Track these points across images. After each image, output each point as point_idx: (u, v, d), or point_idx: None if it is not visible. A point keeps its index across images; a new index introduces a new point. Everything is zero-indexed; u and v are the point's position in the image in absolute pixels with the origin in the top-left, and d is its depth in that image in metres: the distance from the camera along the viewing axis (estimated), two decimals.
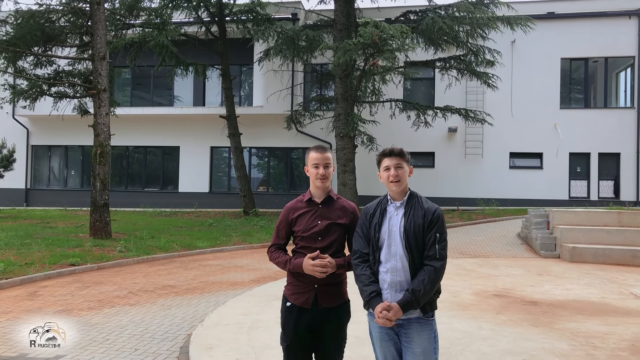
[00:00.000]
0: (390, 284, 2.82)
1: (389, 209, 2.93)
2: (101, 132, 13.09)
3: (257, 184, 23.06)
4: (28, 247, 11.22)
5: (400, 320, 2.80)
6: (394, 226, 2.86)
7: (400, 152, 2.93)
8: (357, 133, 17.43)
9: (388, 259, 2.84)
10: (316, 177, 3.06)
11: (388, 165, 2.92)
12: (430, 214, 2.83)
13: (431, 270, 2.75)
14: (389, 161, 2.92)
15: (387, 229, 2.87)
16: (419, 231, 2.80)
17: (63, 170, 24.70)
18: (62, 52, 16.23)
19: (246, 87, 23.85)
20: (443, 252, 2.80)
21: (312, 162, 3.07)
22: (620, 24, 20.44)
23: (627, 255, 10.40)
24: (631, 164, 20.21)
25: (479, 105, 20.41)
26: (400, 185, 2.90)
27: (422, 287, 2.72)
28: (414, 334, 2.80)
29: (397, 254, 2.82)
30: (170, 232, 14.72)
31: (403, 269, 2.81)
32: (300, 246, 3.06)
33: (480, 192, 20.57)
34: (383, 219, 2.90)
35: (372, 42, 14.40)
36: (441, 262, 2.78)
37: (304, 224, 3.05)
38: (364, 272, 2.88)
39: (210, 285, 8.50)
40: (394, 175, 2.88)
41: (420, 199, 2.92)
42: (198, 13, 19.17)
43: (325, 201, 3.10)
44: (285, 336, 3.06)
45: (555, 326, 5.82)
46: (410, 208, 2.87)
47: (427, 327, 2.82)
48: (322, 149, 3.13)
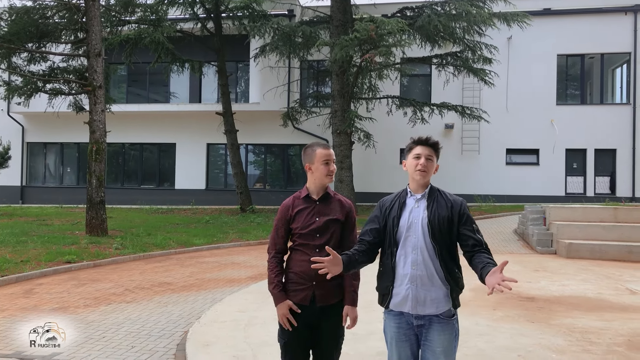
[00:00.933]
0: (411, 278, 2.70)
1: (409, 202, 2.81)
2: (97, 129, 13.02)
3: (253, 181, 23.04)
4: (24, 244, 11.17)
5: (421, 320, 2.72)
6: (416, 218, 2.75)
7: (436, 144, 2.81)
8: (354, 130, 17.43)
9: (408, 252, 2.74)
10: (327, 174, 3.03)
11: (419, 154, 2.77)
12: (458, 206, 2.75)
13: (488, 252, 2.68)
14: (421, 150, 2.78)
15: (406, 222, 2.76)
16: (443, 223, 2.70)
17: (59, 168, 24.60)
18: (56, 48, 16.13)
19: (242, 84, 23.80)
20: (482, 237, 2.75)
21: (323, 159, 3.03)
22: (616, 20, 20.46)
23: (623, 251, 10.43)
24: (627, 160, 20.26)
25: (475, 101, 20.42)
26: (426, 176, 2.77)
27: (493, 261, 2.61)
28: (434, 333, 2.71)
29: (419, 247, 2.71)
30: (167, 229, 14.69)
31: (424, 262, 2.70)
32: (298, 243, 3.03)
33: (477, 188, 20.60)
34: (402, 211, 2.79)
35: (369, 38, 14.38)
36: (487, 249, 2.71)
37: (302, 220, 3.02)
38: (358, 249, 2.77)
39: (207, 282, 8.48)
40: (422, 165, 2.74)
41: (443, 192, 2.83)
42: (194, 9, 19.11)
43: (323, 198, 3.08)
44: (283, 333, 3.03)
45: (551, 322, 5.83)
46: (433, 200, 2.77)
47: (449, 326, 2.73)
48: (327, 145, 3.12)
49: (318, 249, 2.96)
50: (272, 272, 3.06)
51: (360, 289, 3.09)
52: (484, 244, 2.73)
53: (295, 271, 3.02)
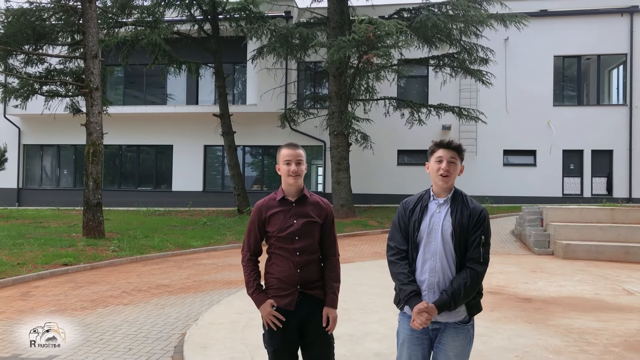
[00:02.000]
0: (428, 285, 2.66)
1: (431, 206, 2.75)
2: (94, 131, 13.00)
3: (251, 183, 23.02)
4: (20, 247, 11.14)
5: (437, 325, 2.68)
6: (436, 224, 2.69)
7: (458, 147, 2.74)
8: (351, 131, 17.44)
9: (426, 259, 2.69)
10: (288, 174, 2.96)
11: (441, 157, 2.71)
12: (477, 214, 2.67)
13: (473, 274, 2.60)
14: (444, 153, 2.72)
15: (426, 227, 2.70)
16: (464, 231, 2.65)
17: (55, 170, 24.54)
18: (53, 50, 16.11)
19: (239, 86, 23.79)
20: (487, 255, 2.66)
21: (284, 159, 2.97)
22: (613, 22, 20.53)
23: (620, 251, 10.45)
24: (624, 161, 20.32)
25: (472, 103, 20.46)
26: (448, 181, 2.71)
27: (463, 290, 2.57)
28: (448, 337, 2.68)
29: (437, 254, 2.66)
30: (164, 231, 14.66)
31: (442, 270, 2.65)
32: (278, 247, 2.94)
33: (474, 189, 20.57)
34: (423, 215, 2.72)
35: (367, 39, 14.39)
36: (484, 267, 2.64)
37: (278, 223, 2.93)
38: (403, 270, 2.71)
39: (205, 284, 8.47)
40: (445, 170, 2.69)
41: (466, 198, 2.75)
42: (191, 11, 19.10)
43: (300, 199, 3.00)
44: (270, 340, 2.93)
45: (548, 322, 5.84)
46: (457, 206, 2.70)
47: (463, 332, 2.69)
48: (294, 145, 3.03)
49: (298, 252, 2.90)
50: (249, 276, 2.98)
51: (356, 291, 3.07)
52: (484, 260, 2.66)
53: (278, 277, 2.94)
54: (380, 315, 5.80)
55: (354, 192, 17.84)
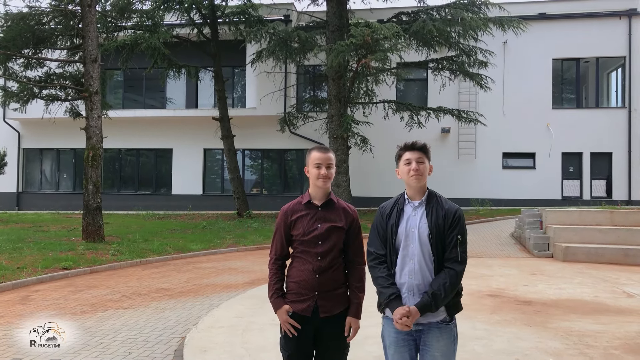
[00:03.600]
0: (408, 287, 2.70)
1: (406, 209, 2.78)
2: (93, 135, 13.01)
3: (250, 186, 23.02)
4: (20, 251, 11.13)
5: (420, 326, 2.71)
6: (413, 227, 2.72)
7: (423, 147, 2.79)
8: (351, 134, 17.46)
9: (405, 262, 2.72)
10: (317, 178, 2.93)
11: (409, 159, 2.76)
12: (452, 214, 2.71)
13: (452, 274, 2.64)
14: (411, 155, 2.77)
15: (404, 230, 2.73)
16: (440, 232, 2.68)
17: (55, 174, 24.54)
18: (52, 54, 16.13)
19: (239, 89, 23.82)
20: (464, 254, 2.70)
21: (314, 162, 2.94)
22: (611, 25, 20.58)
23: (619, 254, 10.46)
24: (623, 163, 20.34)
25: (471, 105, 20.49)
26: (421, 181, 2.74)
27: (443, 290, 2.61)
28: (432, 338, 2.70)
29: (416, 256, 2.70)
30: (164, 234, 14.66)
31: (421, 272, 2.69)
32: (300, 250, 2.95)
33: (474, 192, 20.65)
34: (400, 219, 2.76)
35: (365, 43, 14.41)
36: (462, 266, 2.68)
37: (303, 227, 2.92)
38: (382, 273, 2.75)
39: (204, 287, 8.47)
40: (414, 169, 2.73)
41: (440, 199, 2.78)
42: (190, 15, 19.13)
43: (326, 204, 2.98)
44: (286, 345, 2.94)
45: (548, 325, 5.84)
46: (431, 208, 2.73)
47: (447, 331, 2.72)
48: (324, 149, 3.01)
49: (320, 257, 2.89)
50: (271, 280, 3.00)
51: None
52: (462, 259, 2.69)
53: (297, 281, 2.94)
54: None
55: (353, 195, 17.84)
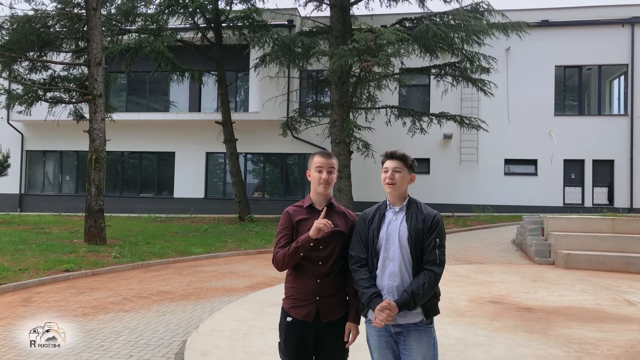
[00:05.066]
0: (388, 289, 2.79)
1: (388, 214, 2.92)
2: (96, 138, 13.06)
3: (252, 190, 23.05)
4: (22, 252, 11.16)
5: (399, 328, 2.78)
6: (393, 230, 2.84)
7: (402, 156, 2.92)
8: (353, 139, 17.47)
9: (386, 264, 2.81)
10: (318, 182, 2.96)
11: (387, 167, 2.93)
12: (430, 218, 2.83)
13: (431, 275, 2.74)
14: (389, 163, 2.93)
15: (385, 234, 2.85)
16: (419, 236, 2.79)
17: (58, 176, 24.60)
18: (57, 57, 16.20)
19: (242, 93, 23.89)
20: (443, 257, 2.80)
21: (316, 166, 2.98)
22: (614, 32, 20.61)
23: (621, 261, 10.45)
24: (625, 171, 20.33)
25: (474, 112, 20.50)
26: (395, 189, 2.89)
27: (421, 290, 2.70)
28: (412, 341, 2.77)
29: (396, 259, 2.80)
30: (165, 237, 14.68)
31: (400, 273, 2.78)
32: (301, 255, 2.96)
33: (475, 198, 20.64)
34: (381, 224, 2.88)
35: (367, 48, 14.45)
36: (441, 268, 2.78)
37: (304, 231, 2.93)
38: (364, 276, 2.83)
39: (206, 291, 8.48)
40: (389, 178, 2.89)
41: (420, 205, 2.92)
42: (194, 19, 19.22)
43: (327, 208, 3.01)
44: (287, 350, 2.96)
45: (549, 332, 5.84)
46: (411, 213, 2.87)
47: (426, 334, 2.80)
48: (327, 153, 3.04)
49: (321, 262, 2.91)
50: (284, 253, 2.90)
51: None
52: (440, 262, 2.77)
53: (297, 287, 2.95)
54: None
55: (355, 200, 17.83)
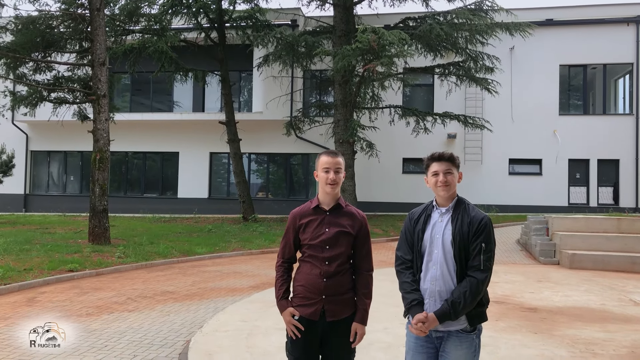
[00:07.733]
0: (429, 294, 2.71)
1: (434, 215, 2.82)
2: (100, 138, 13.09)
3: (256, 190, 23.06)
4: (27, 252, 11.19)
5: (440, 333, 2.71)
6: (438, 233, 2.75)
7: (451, 157, 2.83)
8: (357, 139, 17.45)
9: (429, 268, 2.73)
10: (326, 182, 2.95)
11: (437, 171, 2.80)
12: (477, 222, 2.69)
13: (473, 283, 2.62)
14: (438, 166, 2.80)
15: (429, 236, 2.76)
16: (464, 239, 2.68)
17: (62, 176, 24.68)
18: (61, 58, 16.25)
19: (245, 93, 23.91)
20: (488, 263, 2.65)
21: (323, 166, 2.96)
22: (619, 31, 20.53)
23: (626, 261, 10.40)
24: (630, 170, 20.24)
25: (478, 111, 20.46)
26: (449, 190, 2.78)
27: (462, 299, 2.59)
28: (451, 346, 2.69)
29: (438, 262, 2.71)
30: (169, 238, 14.69)
31: (443, 278, 2.69)
32: (308, 255, 2.95)
33: (480, 198, 20.56)
34: (426, 225, 2.79)
35: (371, 48, 14.43)
36: (485, 274, 2.64)
37: (311, 231, 2.93)
38: (407, 279, 2.78)
39: (209, 291, 8.48)
40: (442, 181, 2.77)
41: (468, 206, 2.79)
42: (198, 19, 19.22)
43: (334, 209, 2.99)
44: (292, 349, 2.95)
45: (554, 333, 5.82)
46: (458, 215, 2.75)
47: (467, 342, 2.69)
48: (333, 153, 3.01)
49: (327, 261, 2.89)
50: (277, 282, 3.03)
51: None
52: (485, 268, 2.65)
53: (304, 284, 2.95)
54: (384, 324, 5.79)
55: (359, 200, 17.83)
